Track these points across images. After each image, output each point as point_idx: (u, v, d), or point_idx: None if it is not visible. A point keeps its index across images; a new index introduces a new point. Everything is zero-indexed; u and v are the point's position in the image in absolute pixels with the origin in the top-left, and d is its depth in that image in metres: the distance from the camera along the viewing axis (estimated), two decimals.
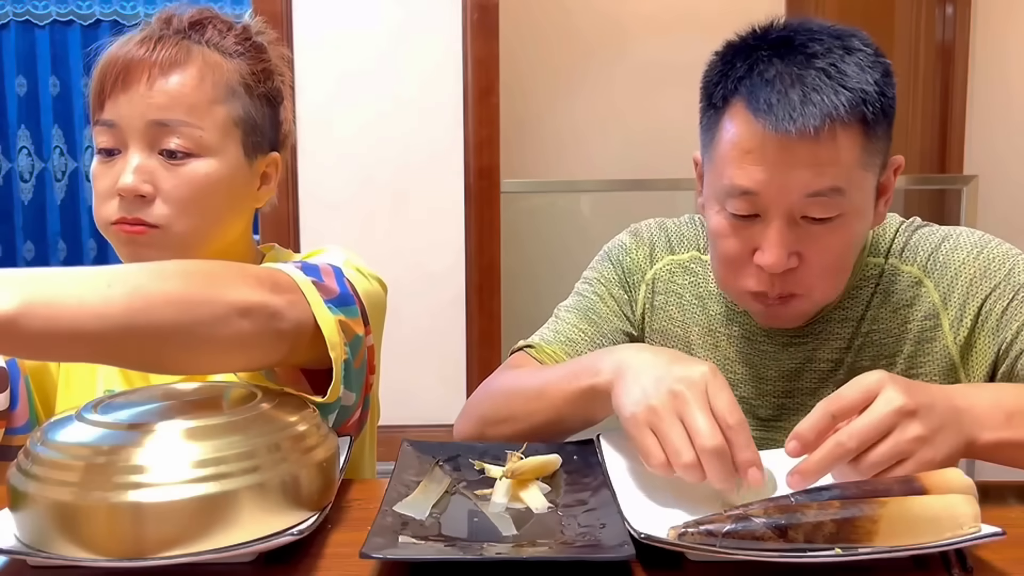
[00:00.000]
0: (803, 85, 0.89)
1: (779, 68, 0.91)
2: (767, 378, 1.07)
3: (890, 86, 0.93)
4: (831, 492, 0.72)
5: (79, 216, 3.71)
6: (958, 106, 3.51)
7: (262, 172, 1.05)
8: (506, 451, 0.86)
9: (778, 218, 0.92)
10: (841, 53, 0.91)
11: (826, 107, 0.88)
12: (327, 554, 0.72)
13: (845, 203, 0.91)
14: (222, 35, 1.03)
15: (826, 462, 0.75)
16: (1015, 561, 0.70)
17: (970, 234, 1.04)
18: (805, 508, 0.68)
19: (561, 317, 1.15)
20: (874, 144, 0.92)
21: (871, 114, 0.90)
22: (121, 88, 0.97)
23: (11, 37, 3.47)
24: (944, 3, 3.51)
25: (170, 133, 0.96)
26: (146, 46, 0.98)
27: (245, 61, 1.03)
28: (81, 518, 0.64)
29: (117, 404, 0.74)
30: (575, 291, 1.18)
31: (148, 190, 0.96)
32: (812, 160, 0.89)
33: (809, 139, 0.88)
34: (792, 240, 0.92)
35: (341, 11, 2.41)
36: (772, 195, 0.91)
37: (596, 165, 3.48)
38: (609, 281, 1.15)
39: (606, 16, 3.50)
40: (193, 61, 0.99)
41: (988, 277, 1.00)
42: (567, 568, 0.68)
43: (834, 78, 0.89)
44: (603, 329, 1.12)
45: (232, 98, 1.00)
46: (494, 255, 2.49)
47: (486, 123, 2.45)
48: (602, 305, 1.14)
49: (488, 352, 2.51)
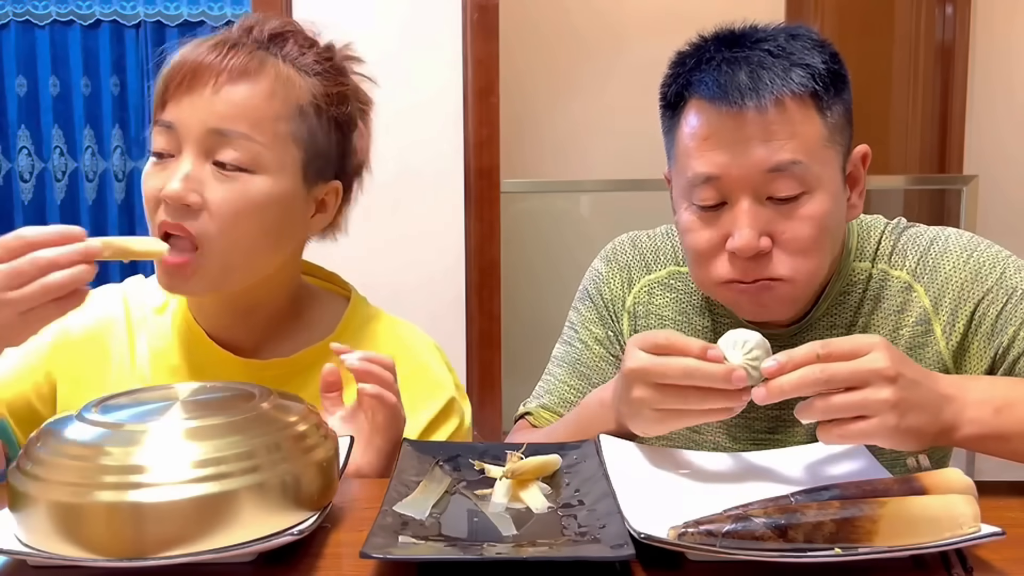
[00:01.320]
0: (750, 64, 0.91)
1: (725, 55, 0.93)
2: None
3: (840, 66, 0.94)
4: (831, 492, 0.72)
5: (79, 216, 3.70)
6: (958, 106, 3.51)
7: (320, 199, 1.01)
8: (506, 451, 0.87)
9: (744, 199, 0.92)
10: (785, 37, 0.94)
11: (776, 82, 0.90)
12: (327, 554, 0.72)
13: (810, 178, 0.92)
14: (302, 51, 0.98)
15: (793, 382, 0.79)
16: (1015, 561, 0.70)
17: (959, 236, 1.03)
18: (805, 508, 0.68)
19: (553, 373, 1.15)
20: (832, 121, 0.93)
21: (822, 88, 0.91)
22: (185, 90, 0.93)
23: (11, 37, 3.47)
24: (944, 3, 3.51)
25: (227, 144, 0.92)
26: (219, 51, 0.94)
27: (321, 81, 0.98)
28: (81, 518, 0.64)
29: (117, 404, 0.74)
30: (563, 337, 1.17)
31: (195, 200, 0.91)
32: (767, 134, 0.90)
33: (763, 113, 0.90)
34: (761, 221, 0.92)
35: (340, 11, 2.41)
36: (734, 176, 0.92)
37: (596, 165, 3.48)
38: (591, 322, 1.14)
39: (606, 16, 3.50)
40: (266, 74, 0.94)
41: (979, 281, 0.99)
42: (567, 568, 0.68)
43: (780, 56, 0.92)
44: (593, 380, 1.11)
45: (299, 117, 0.96)
46: (494, 255, 2.49)
47: (486, 123, 2.44)
48: (588, 354, 1.13)
49: (488, 352, 2.51)
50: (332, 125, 0.99)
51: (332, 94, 0.98)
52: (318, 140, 0.97)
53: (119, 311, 1.07)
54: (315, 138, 0.97)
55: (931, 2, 3.56)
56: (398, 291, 2.24)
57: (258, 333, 1.04)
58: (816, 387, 0.78)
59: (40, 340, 1.03)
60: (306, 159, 0.97)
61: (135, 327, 1.06)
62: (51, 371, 1.03)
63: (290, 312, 1.06)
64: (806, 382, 0.78)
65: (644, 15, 3.49)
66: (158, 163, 0.95)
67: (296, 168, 0.96)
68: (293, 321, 1.06)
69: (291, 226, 0.99)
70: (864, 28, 3.72)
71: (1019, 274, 0.99)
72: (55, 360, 1.03)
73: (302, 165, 0.96)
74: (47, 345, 1.04)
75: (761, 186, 0.92)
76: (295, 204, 0.97)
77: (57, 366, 1.03)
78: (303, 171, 0.97)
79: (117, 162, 3.49)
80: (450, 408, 1.06)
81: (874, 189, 3.92)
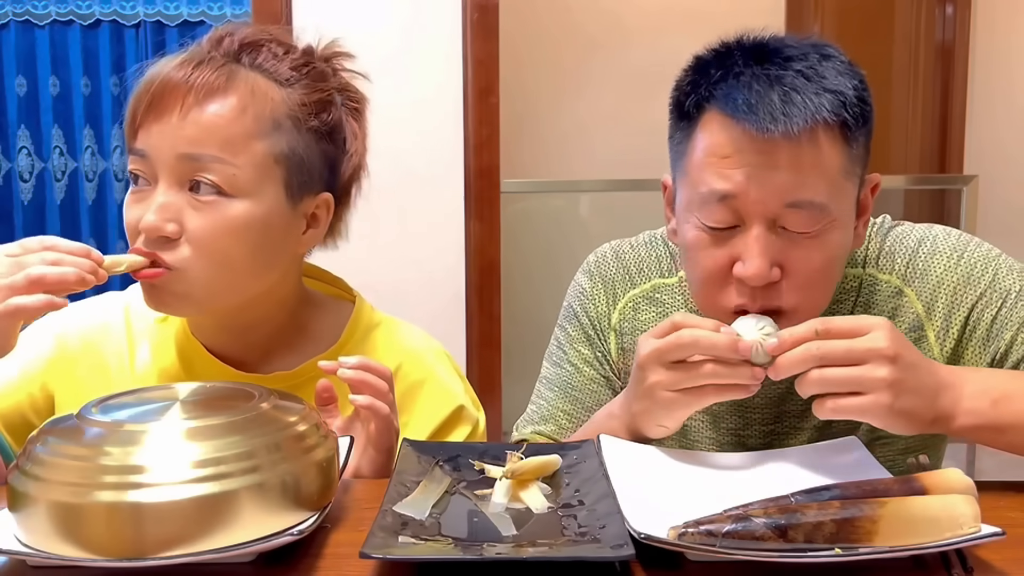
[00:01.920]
0: (782, 86, 0.86)
1: (756, 71, 0.88)
2: (753, 406, 1.03)
3: (867, 94, 0.90)
4: (831, 492, 0.72)
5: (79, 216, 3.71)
6: (958, 106, 3.51)
7: (310, 214, 0.96)
8: (506, 451, 0.87)
9: (758, 225, 0.87)
10: (817, 58, 0.89)
11: (809, 108, 0.85)
12: (327, 554, 0.72)
13: (828, 215, 0.88)
14: (278, 59, 0.93)
15: (794, 360, 0.81)
16: (1015, 561, 0.70)
17: (947, 235, 1.01)
18: (805, 508, 0.68)
19: (545, 397, 1.12)
20: (855, 151, 0.89)
21: (851, 118, 0.87)
22: (154, 116, 0.88)
23: (11, 37, 3.47)
24: (944, 3, 3.51)
25: (200, 168, 0.88)
26: (185, 69, 0.89)
27: (299, 90, 0.93)
28: (81, 518, 0.64)
29: (117, 404, 0.74)
30: (551, 357, 1.14)
31: (172, 230, 0.88)
32: (794, 163, 0.86)
33: (792, 140, 0.85)
34: (774, 250, 0.88)
35: (341, 11, 2.41)
36: (752, 200, 0.87)
37: (596, 165, 3.48)
38: (578, 342, 1.11)
39: (606, 16, 3.50)
40: (235, 88, 0.89)
41: (972, 285, 0.98)
42: (567, 568, 0.68)
43: (813, 80, 0.87)
44: (586, 403, 1.09)
45: (276, 132, 0.91)
46: (494, 255, 2.49)
47: (486, 123, 2.44)
48: (579, 377, 1.10)
49: (488, 352, 2.50)
50: (315, 136, 0.94)
51: (311, 103, 0.93)
52: (299, 153, 0.93)
53: (119, 320, 1.05)
54: (296, 152, 0.92)
55: (931, 2, 3.56)
56: (398, 291, 2.24)
57: (259, 349, 1.02)
58: (813, 362, 0.80)
59: (38, 351, 1.02)
60: (288, 175, 0.92)
61: (136, 337, 1.04)
62: (48, 382, 1.02)
63: (291, 326, 1.03)
64: (805, 358, 0.80)
65: (644, 15, 3.49)
66: (136, 192, 0.91)
67: (277, 186, 0.92)
68: (295, 335, 1.03)
69: (278, 245, 0.94)
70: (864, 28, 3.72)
71: (1011, 275, 0.98)
72: (53, 371, 1.02)
73: (284, 182, 0.92)
74: (45, 356, 1.02)
75: (778, 216, 0.87)
76: (280, 223, 0.93)
77: (54, 377, 1.02)
78: (285, 188, 0.92)
79: (117, 162, 3.50)
80: (458, 416, 1.04)
81: None
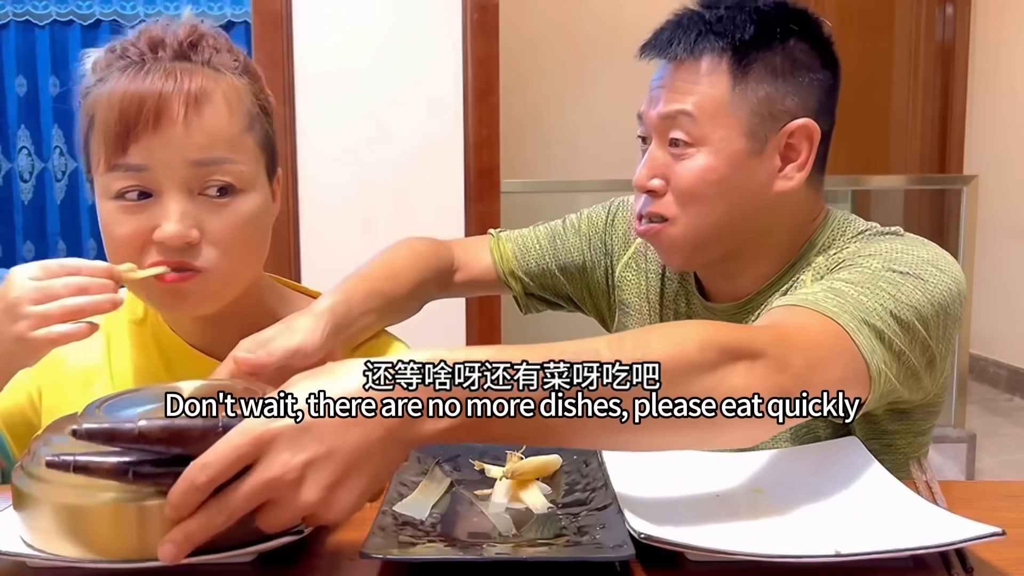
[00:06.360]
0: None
1: None
2: None
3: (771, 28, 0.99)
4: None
5: (79, 216, 3.71)
6: (958, 106, 3.52)
7: (274, 191, 0.99)
8: (506, 451, 0.87)
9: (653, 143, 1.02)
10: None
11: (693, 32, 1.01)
12: (327, 554, 0.72)
13: (697, 133, 0.98)
14: (220, 52, 0.93)
15: (198, 535, 0.60)
16: (1015, 561, 0.70)
17: (892, 242, 0.95)
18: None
19: (538, 228, 1.27)
20: (745, 84, 0.98)
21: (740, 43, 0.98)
22: (152, 130, 0.87)
23: (11, 37, 3.47)
24: (944, 3, 3.52)
25: (213, 172, 0.88)
26: (172, 78, 0.88)
27: (246, 77, 0.94)
28: (86, 520, 0.64)
29: (120, 404, 0.74)
30: (565, 217, 1.28)
31: (196, 236, 0.88)
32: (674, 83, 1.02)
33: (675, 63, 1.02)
34: (660, 165, 1.01)
35: (341, 11, 2.41)
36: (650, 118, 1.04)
37: (596, 165, 3.48)
38: (595, 224, 1.23)
39: (606, 16, 3.50)
40: (218, 88, 0.90)
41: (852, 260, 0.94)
42: (567, 568, 0.68)
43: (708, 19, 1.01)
44: (560, 258, 1.23)
45: (255, 122, 0.93)
46: None
47: (486, 123, 2.44)
48: (575, 239, 1.23)
49: None
50: (269, 117, 0.97)
51: (257, 88, 0.96)
52: (269, 137, 0.96)
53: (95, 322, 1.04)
54: (268, 136, 0.96)
55: (931, 2, 3.57)
56: None
57: (235, 342, 0.98)
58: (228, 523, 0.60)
59: None
60: (268, 160, 0.96)
61: (111, 337, 1.03)
62: (41, 383, 1.02)
63: (266, 317, 1.00)
64: (213, 526, 0.60)
65: (644, 15, 3.48)
66: (130, 205, 0.88)
67: (263, 172, 0.95)
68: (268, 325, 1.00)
69: (270, 227, 0.98)
70: (864, 28, 3.72)
71: (871, 260, 0.91)
72: (41, 371, 1.02)
73: (266, 168, 0.95)
74: None
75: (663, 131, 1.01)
76: (270, 207, 0.97)
77: (43, 376, 1.02)
78: (268, 173, 0.96)
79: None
80: None
81: (874, 189, 3.92)
